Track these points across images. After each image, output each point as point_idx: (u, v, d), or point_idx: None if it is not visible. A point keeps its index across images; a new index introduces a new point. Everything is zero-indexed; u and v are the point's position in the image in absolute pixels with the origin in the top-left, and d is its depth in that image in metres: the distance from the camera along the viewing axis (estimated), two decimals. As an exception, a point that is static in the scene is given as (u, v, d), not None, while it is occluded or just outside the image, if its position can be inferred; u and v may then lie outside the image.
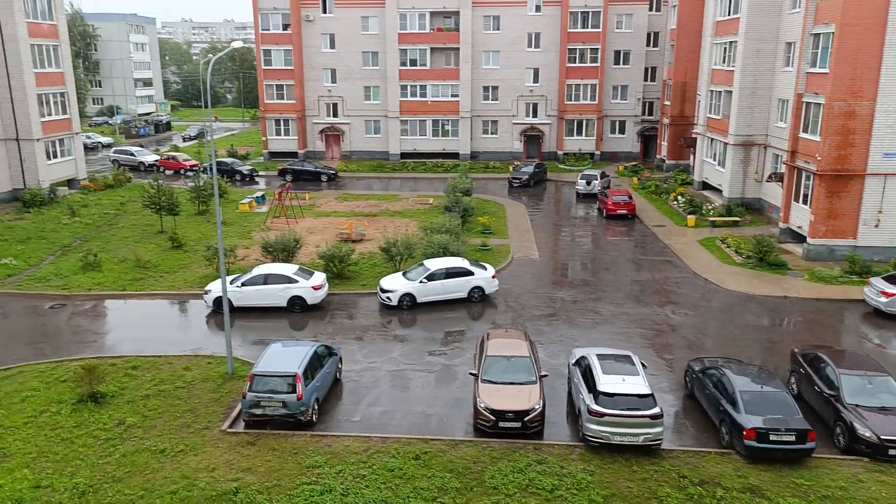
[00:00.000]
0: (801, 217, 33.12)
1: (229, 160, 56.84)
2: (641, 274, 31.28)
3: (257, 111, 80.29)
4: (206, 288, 26.85)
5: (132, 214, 42.22)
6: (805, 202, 32.76)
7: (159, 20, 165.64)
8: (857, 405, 16.98)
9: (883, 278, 26.23)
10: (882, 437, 16.10)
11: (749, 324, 25.33)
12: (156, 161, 59.75)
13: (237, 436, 17.50)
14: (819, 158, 30.75)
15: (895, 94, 29.38)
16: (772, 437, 15.89)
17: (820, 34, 31.39)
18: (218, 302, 25.87)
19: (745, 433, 16.03)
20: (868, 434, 16.25)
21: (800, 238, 33.40)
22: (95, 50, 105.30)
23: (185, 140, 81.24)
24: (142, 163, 59.70)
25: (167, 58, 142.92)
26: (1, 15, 42.16)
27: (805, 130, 32.72)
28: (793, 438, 15.87)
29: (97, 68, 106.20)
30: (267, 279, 26.52)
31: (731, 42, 41.67)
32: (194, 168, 56.61)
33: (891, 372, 18.60)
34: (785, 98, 37.27)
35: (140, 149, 63.41)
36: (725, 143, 42.01)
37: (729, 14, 42.14)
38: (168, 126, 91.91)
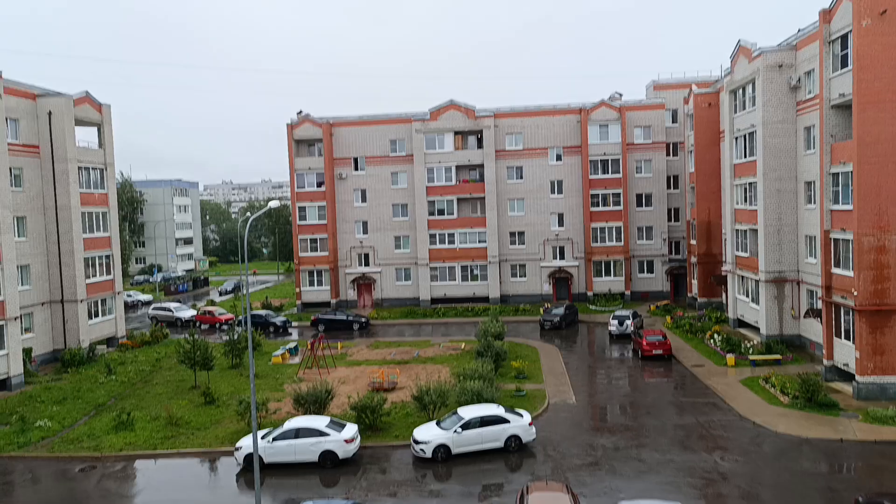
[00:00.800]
0: (845, 354, 32.07)
1: (263, 312, 57.93)
2: (684, 417, 30.06)
3: (292, 264, 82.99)
4: (237, 444, 26.38)
5: (167, 370, 42.57)
6: (848, 338, 31.87)
7: (202, 183, 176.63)
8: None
9: (943, 417, 24.79)
10: None
11: (806, 470, 23.80)
12: (192, 316, 61.18)
13: None
14: (856, 293, 30.30)
15: (923, 227, 29.38)
16: None
17: (839, 173, 32.11)
18: (249, 459, 25.32)
19: None
20: None
21: (847, 376, 32.13)
22: (141, 213, 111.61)
23: (221, 294, 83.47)
24: (179, 318, 61.13)
25: (207, 217, 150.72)
26: (58, 187, 45.36)
27: (837, 266, 32.53)
28: None
29: (142, 230, 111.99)
30: (298, 433, 26.03)
31: (750, 183, 42.75)
32: (229, 322, 57.69)
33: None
34: (812, 234, 37.48)
35: (178, 305, 65.20)
36: (757, 280, 41.80)
37: (745, 157, 43.59)
38: (206, 281, 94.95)
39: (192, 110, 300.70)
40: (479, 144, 63.42)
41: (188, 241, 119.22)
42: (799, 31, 39.18)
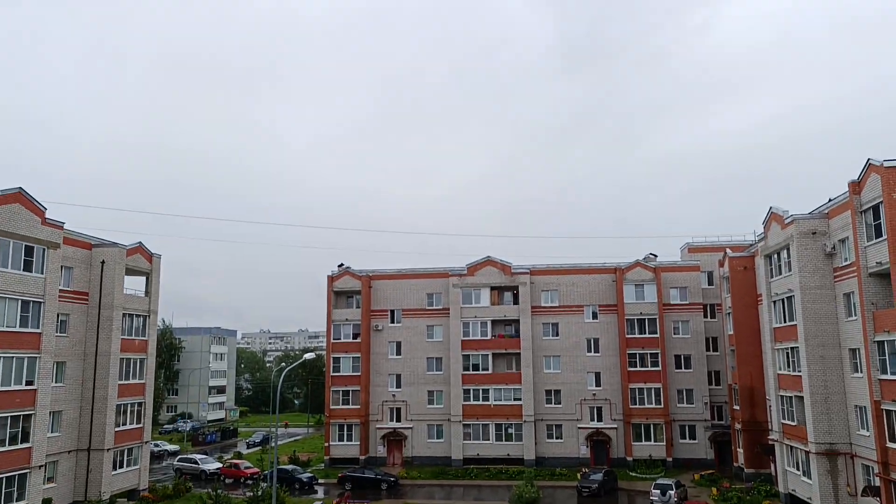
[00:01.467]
0: (912, 539, 29.46)
1: (290, 467, 56.35)
2: None
3: (322, 416, 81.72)
4: None
5: (187, 526, 40.94)
6: (913, 521, 29.42)
7: (240, 331, 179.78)
8: None
9: None
10: None
11: None
12: (218, 469, 59.75)
13: None
14: (916, 471, 28.39)
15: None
16: None
17: (884, 341, 31.30)
18: None
19: None
20: None
21: (917, 565, 29.27)
22: (178, 360, 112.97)
23: (249, 447, 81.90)
24: (204, 471, 59.67)
25: (242, 365, 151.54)
26: (101, 333, 46.57)
27: (893, 440, 30.77)
28: None
29: (177, 377, 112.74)
30: None
31: (792, 348, 41.77)
32: (255, 476, 56.10)
33: None
34: (862, 405, 35.83)
35: (204, 457, 63.96)
36: (807, 452, 39.53)
37: (785, 321, 42.96)
38: (235, 432, 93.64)
39: (236, 260, 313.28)
40: (515, 300, 63.97)
41: (221, 390, 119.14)
42: (830, 200, 40.01)
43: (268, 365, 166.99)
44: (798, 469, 41.74)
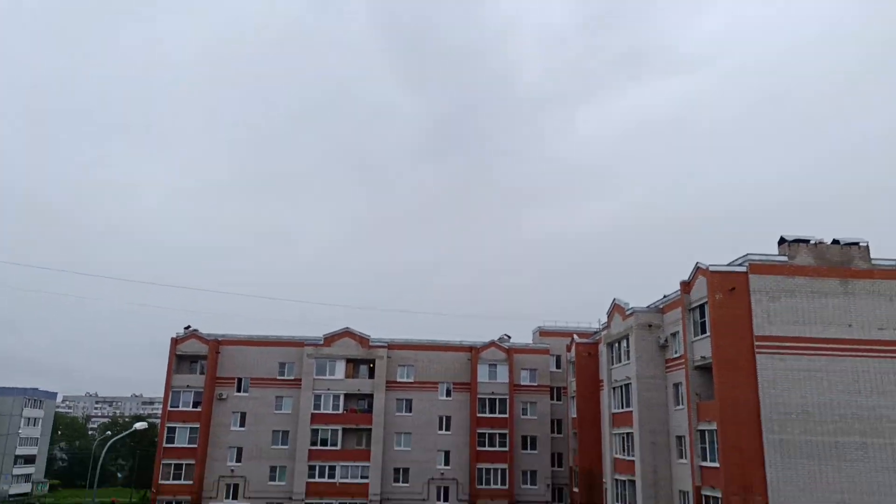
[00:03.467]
0: None
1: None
2: None
3: (148, 492, 74.76)
4: None
5: None
6: None
7: (62, 394, 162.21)
8: None
9: None
10: None
11: None
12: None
13: None
14: (730, 554, 30.71)
15: (783, 490, 31.15)
16: None
17: (705, 430, 34.21)
18: None
19: None
20: None
21: None
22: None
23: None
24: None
25: (60, 432, 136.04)
26: None
27: (711, 524, 33.23)
28: None
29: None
30: None
31: (627, 433, 44.40)
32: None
33: None
34: (685, 489, 38.50)
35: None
36: (638, 535, 41.53)
37: (622, 407, 45.76)
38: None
39: (67, 317, 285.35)
40: (371, 374, 63.21)
41: (30, 460, 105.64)
42: (665, 296, 43.92)
43: (90, 433, 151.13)
44: (629, 552, 43.60)
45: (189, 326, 64.04)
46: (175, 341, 62.57)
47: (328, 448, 60.42)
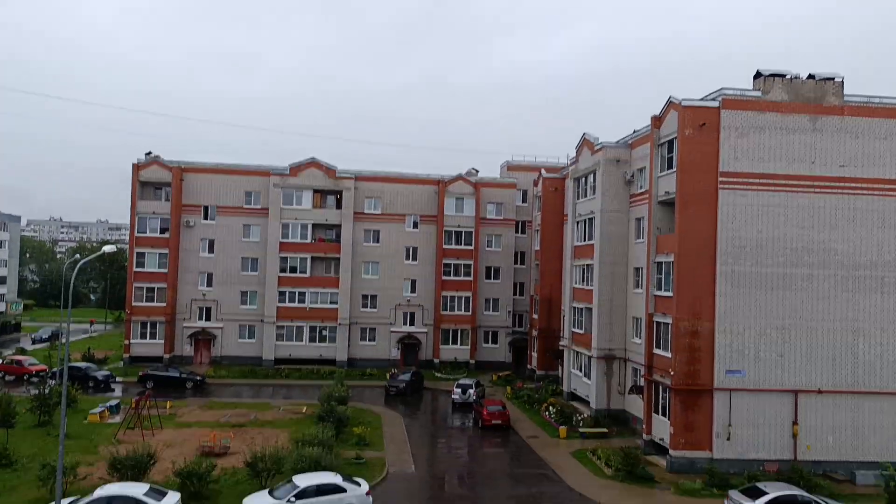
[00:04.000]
0: (662, 429, 34.74)
1: (83, 365, 52.77)
2: (518, 489, 30.79)
3: (122, 313, 76.77)
4: (35, 515, 23.37)
5: (-43, 425, 37.12)
6: (664, 414, 34.61)
7: (26, 217, 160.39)
8: None
9: (739, 491, 27.40)
10: None
11: (624, 541, 25.10)
12: (-5, 365, 54.32)
13: None
14: (672, 373, 33.18)
15: (730, 317, 33.03)
16: None
17: (662, 262, 35.53)
18: (47, 532, 22.48)
19: None
20: None
21: (663, 450, 34.70)
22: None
23: (34, 342, 75.15)
24: (-22, 367, 53.98)
25: (28, 255, 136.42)
26: None
27: (658, 347, 35.57)
28: None
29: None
30: (111, 502, 23.56)
31: (588, 265, 46.06)
32: (41, 373, 51.81)
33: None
34: (638, 316, 40.80)
35: (-21, 350, 57.70)
36: (589, 357, 44.54)
37: (585, 240, 47.06)
38: (17, 327, 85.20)
39: (21, 136, 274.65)
40: (339, 205, 63.36)
41: (1, 281, 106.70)
42: (635, 131, 43.60)
43: (59, 256, 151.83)
44: (581, 371, 47.02)
45: (150, 153, 62.36)
46: (137, 167, 61.16)
47: (297, 275, 61.86)
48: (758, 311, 33.15)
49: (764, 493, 26.55)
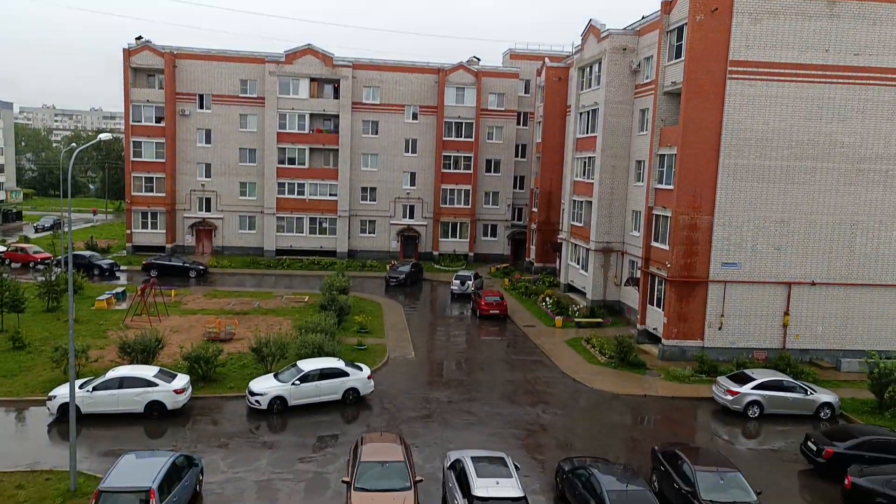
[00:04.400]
0: (655, 319, 35.65)
1: (87, 253, 53.38)
2: (514, 374, 32.00)
3: (123, 203, 76.85)
4: (51, 393, 24.40)
5: (-33, 311, 38.07)
6: (658, 305, 35.41)
7: (18, 105, 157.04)
8: (711, 501, 17.89)
9: (727, 377, 28.50)
10: (735, 530, 16.97)
11: (614, 423, 26.37)
12: (1, 253, 54.95)
13: (76, 564, 15.53)
14: (669, 265, 33.64)
15: (730, 210, 33.06)
16: (638, 536, 16.30)
17: (664, 155, 35.13)
18: (64, 408, 23.55)
19: (613, 533, 16.35)
20: (723, 528, 17.07)
21: (655, 339, 35.77)
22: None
23: (37, 231, 75.64)
24: (-17, 254, 54.66)
25: (24, 144, 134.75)
26: None
27: (656, 240, 35.85)
28: (657, 536, 16.36)
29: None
30: (122, 383, 24.55)
31: (589, 157, 45.57)
32: (46, 261, 52.53)
33: (739, 468, 19.87)
34: (638, 210, 40.85)
35: (-17, 239, 58.23)
36: (587, 249, 44.99)
37: (587, 132, 46.30)
38: (18, 215, 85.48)
39: (6, 17, 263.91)
40: (336, 95, 61.82)
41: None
42: (643, 17, 41.85)
43: (54, 145, 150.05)
44: (578, 263, 47.67)
45: (141, 37, 60.13)
46: (128, 53, 59.17)
47: (296, 167, 61.31)
48: (758, 205, 33.13)
49: (751, 379, 27.64)
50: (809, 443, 22.71)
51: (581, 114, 47.70)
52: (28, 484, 19.11)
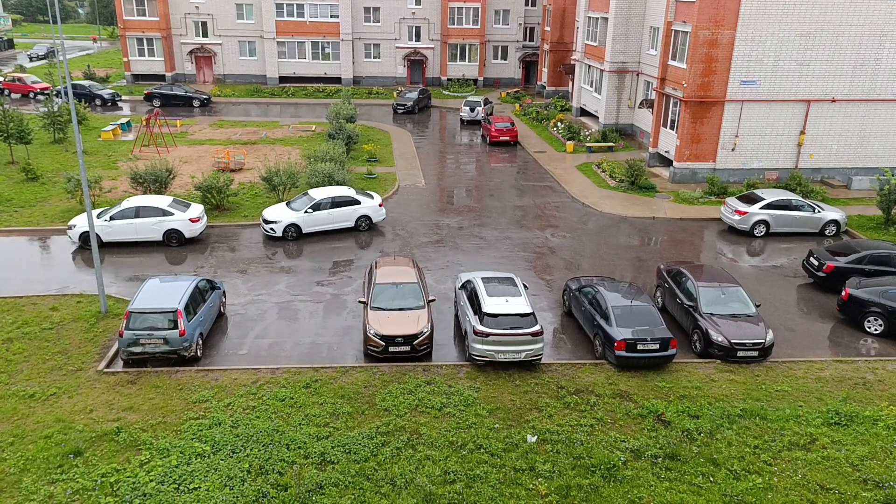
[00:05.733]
0: (668, 142, 35.11)
1: (87, 83, 52.05)
2: (523, 199, 32.24)
3: (116, 28, 73.55)
4: (70, 223, 24.98)
5: (-25, 144, 38.03)
6: (672, 128, 34.69)
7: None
8: (711, 314, 18.72)
9: (737, 198, 28.59)
10: (732, 341, 17.92)
11: (621, 244, 26.96)
12: (-1, 83, 53.73)
13: (115, 375, 16.80)
14: (685, 85, 32.46)
15: (754, 23, 31.21)
16: (639, 347, 17.28)
17: (689, -37, 32.50)
18: (85, 237, 24.26)
19: (616, 344, 17.32)
20: (720, 339, 18.02)
21: (667, 162, 35.49)
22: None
23: (31, 60, 73.23)
24: (-19, 85, 53.46)
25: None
26: None
27: (674, 58, 34.28)
28: (657, 347, 17.34)
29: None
30: (139, 212, 25.01)
31: (607, -32, 42.31)
32: (45, 91, 51.42)
33: (741, 283, 20.55)
34: (656, 26, 38.64)
35: (-22, 70, 56.63)
36: (602, 70, 43.28)
37: (606, -61, 42.60)
38: (10, 43, 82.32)
39: None
40: None
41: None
42: None
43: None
44: (591, 86, 46.11)
45: None
46: None
47: (294, -15, 57.64)
48: (783, 16, 31.17)
49: (760, 199, 27.74)
50: (811, 258, 23.25)
51: (600, -83, 43.56)
52: (61, 306, 20.17)
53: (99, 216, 24.64)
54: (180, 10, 58.04)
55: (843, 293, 20.56)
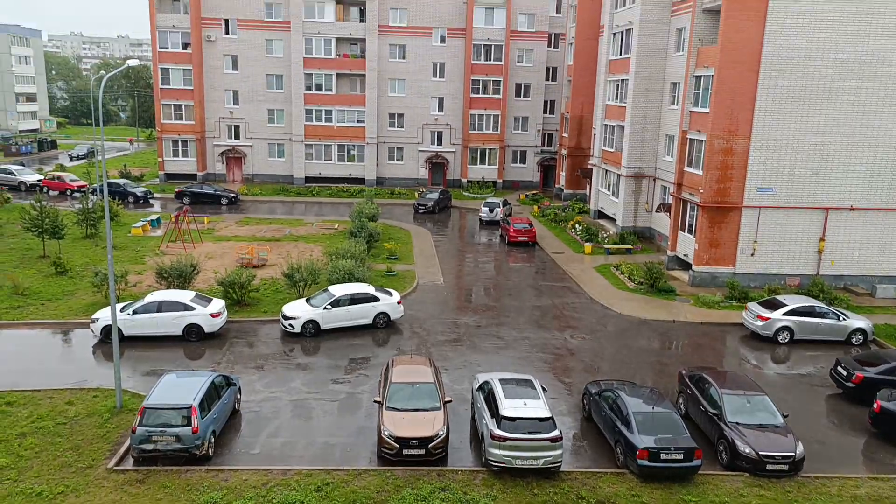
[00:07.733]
0: (686, 246, 35.28)
1: (121, 181, 54.22)
2: (542, 299, 32.22)
3: (153, 131, 77.27)
4: (94, 316, 25.33)
5: (10, 238, 39.32)
6: (690, 232, 34.96)
7: (46, 33, 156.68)
8: (737, 423, 18.13)
9: (759, 303, 28.31)
10: (760, 453, 17.24)
11: (641, 347, 26.58)
12: (39, 181, 56.16)
13: (125, 474, 16.49)
14: (702, 191, 32.98)
15: (767, 133, 32.02)
16: (662, 456, 16.67)
17: (701, 76, 33.86)
18: (107, 331, 24.50)
19: (637, 453, 16.74)
20: (748, 451, 17.35)
21: (686, 265, 35.52)
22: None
23: (72, 159, 76.77)
24: (23, 182, 55.92)
25: (54, 72, 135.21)
26: None
27: (689, 165, 35.04)
28: (681, 457, 16.72)
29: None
30: (161, 306, 25.34)
31: (622, 80, 44.18)
32: (82, 189, 53.54)
33: (766, 391, 20.00)
34: (671, 134, 39.82)
35: (21, 167, 59.47)
36: (619, 175, 44.26)
37: (621, 54, 44.72)
38: (53, 144, 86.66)
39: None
40: (362, 17, 60.38)
41: (31, 98, 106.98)
42: (684, -71, 39.55)
43: (84, 73, 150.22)
44: (609, 190, 47.02)
45: (162, -41, 58.88)
46: (150, -24, 58.12)
47: (323, 93, 60.67)
48: (797, 128, 32.00)
49: (783, 305, 27.44)
50: (839, 368, 22.68)
51: (615, 34, 45.96)
52: (77, 400, 20.11)
53: (122, 310, 24.99)
54: (215, 115, 61.10)
55: (875, 405, 19.89)
